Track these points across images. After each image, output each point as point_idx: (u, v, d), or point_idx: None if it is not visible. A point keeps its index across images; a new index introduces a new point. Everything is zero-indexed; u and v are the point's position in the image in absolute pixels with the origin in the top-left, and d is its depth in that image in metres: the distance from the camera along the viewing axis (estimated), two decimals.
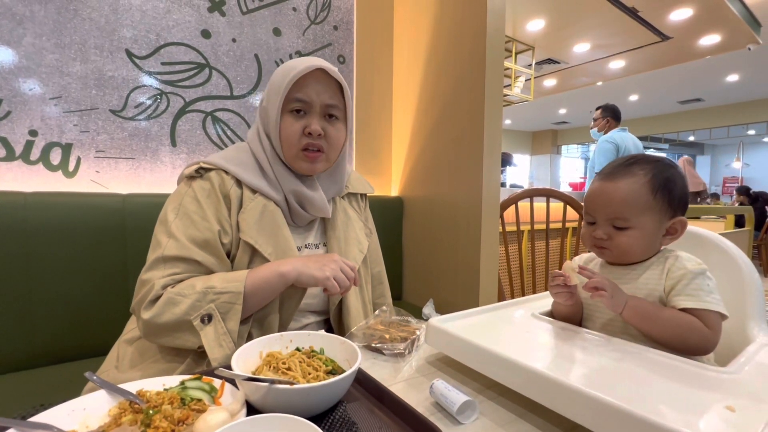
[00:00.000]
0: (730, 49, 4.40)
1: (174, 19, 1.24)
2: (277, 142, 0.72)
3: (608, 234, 0.61)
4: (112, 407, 0.41)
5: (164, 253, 0.64)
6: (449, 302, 1.43)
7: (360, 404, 0.47)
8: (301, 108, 0.71)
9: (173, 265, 0.64)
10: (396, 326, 0.70)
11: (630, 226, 0.59)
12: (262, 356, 0.51)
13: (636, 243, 0.60)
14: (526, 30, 4.14)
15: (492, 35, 1.27)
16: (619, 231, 0.60)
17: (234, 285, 0.62)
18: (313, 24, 1.51)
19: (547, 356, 0.53)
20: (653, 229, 0.59)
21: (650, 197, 0.58)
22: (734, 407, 0.37)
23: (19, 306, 0.92)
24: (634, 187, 0.59)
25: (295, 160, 0.73)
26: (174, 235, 0.65)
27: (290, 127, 0.70)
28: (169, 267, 0.64)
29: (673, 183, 0.59)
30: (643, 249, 0.61)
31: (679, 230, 0.60)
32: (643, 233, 0.59)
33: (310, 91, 0.70)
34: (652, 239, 0.60)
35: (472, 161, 1.33)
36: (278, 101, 0.70)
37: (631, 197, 0.59)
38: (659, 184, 0.59)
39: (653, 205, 0.59)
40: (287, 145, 0.72)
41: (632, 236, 0.59)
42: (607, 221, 0.61)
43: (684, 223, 0.60)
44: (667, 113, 9.42)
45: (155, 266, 0.64)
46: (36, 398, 0.79)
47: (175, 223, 0.67)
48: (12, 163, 1.04)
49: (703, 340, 0.53)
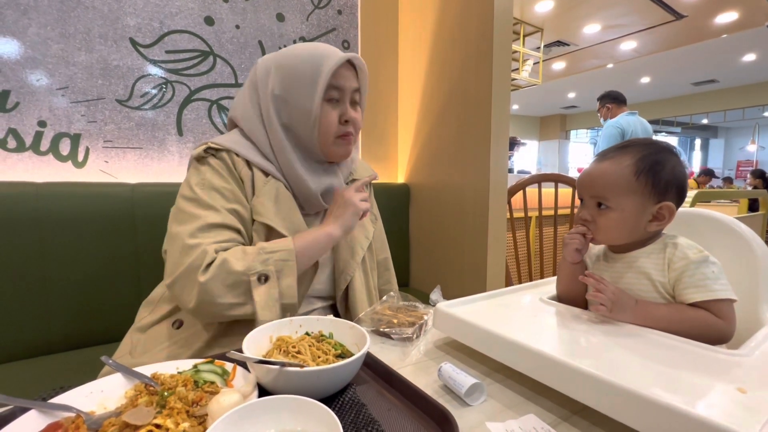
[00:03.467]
0: (747, 26, 4.25)
1: (177, 6, 1.22)
2: (311, 132, 0.71)
3: (592, 215, 0.61)
4: (129, 389, 0.42)
5: (208, 221, 0.64)
6: (456, 289, 1.43)
7: (369, 387, 0.48)
8: (338, 97, 0.72)
9: (218, 233, 0.64)
10: (404, 311, 0.71)
11: (610, 206, 0.59)
12: (272, 340, 0.51)
13: (615, 225, 0.59)
14: (535, 11, 4.03)
15: (499, 17, 1.24)
16: (602, 212, 0.60)
17: (284, 244, 0.64)
18: (317, 9, 1.48)
19: (554, 339, 0.53)
20: (634, 212, 0.58)
21: (632, 179, 0.57)
22: (745, 389, 0.37)
23: (34, 294, 0.94)
24: (616, 168, 0.58)
25: (332, 147, 0.74)
26: (212, 206, 0.66)
27: (329, 115, 0.71)
28: (214, 234, 0.64)
29: (660, 166, 0.57)
30: (624, 232, 0.60)
31: (666, 216, 0.58)
32: (623, 215, 0.58)
33: (343, 80, 0.71)
34: (633, 223, 0.58)
35: (479, 147, 1.31)
36: (316, 92, 0.69)
37: (612, 178, 0.58)
38: (645, 166, 0.57)
39: (635, 187, 0.57)
40: (326, 134, 0.72)
41: (612, 218, 0.59)
42: (592, 200, 0.61)
43: (672, 209, 0.58)
44: (680, 95, 9.18)
45: (199, 234, 0.63)
46: (55, 381, 0.82)
47: (209, 194, 0.67)
48: (23, 153, 1.06)
49: (718, 334, 0.52)
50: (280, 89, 0.71)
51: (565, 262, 0.66)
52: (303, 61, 0.70)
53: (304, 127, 0.71)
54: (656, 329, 0.52)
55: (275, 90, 0.71)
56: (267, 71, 0.73)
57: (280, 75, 0.71)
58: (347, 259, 0.79)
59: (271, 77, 0.72)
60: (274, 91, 0.71)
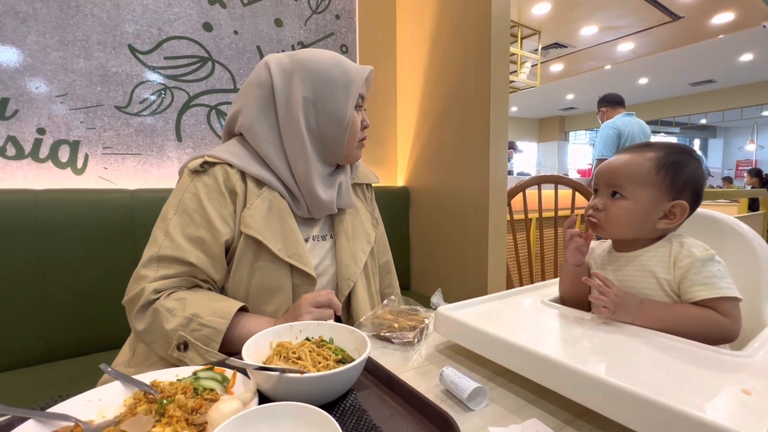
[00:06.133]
0: (744, 27, 4.27)
1: (175, 12, 1.23)
2: (342, 137, 0.73)
3: (604, 203, 0.61)
4: (127, 397, 0.42)
5: (159, 252, 0.64)
6: (457, 291, 1.42)
7: (370, 392, 0.47)
8: (361, 103, 0.77)
9: (167, 266, 0.64)
10: (405, 315, 0.70)
11: (625, 196, 0.59)
12: (272, 346, 0.51)
13: (626, 216, 0.59)
14: (532, 14, 4.05)
15: (496, 20, 1.24)
16: (615, 201, 0.60)
17: (218, 322, 0.61)
18: (315, 13, 1.49)
19: (556, 342, 0.53)
20: (648, 206, 0.58)
21: (652, 172, 0.58)
22: (750, 390, 0.36)
23: (34, 302, 0.94)
24: (639, 159, 0.60)
25: (354, 151, 0.78)
26: (170, 234, 0.65)
27: (356, 121, 0.75)
28: (162, 267, 0.64)
29: (680, 166, 0.58)
30: (633, 224, 0.59)
31: (678, 215, 0.58)
32: (636, 207, 0.58)
33: (365, 89, 0.77)
34: (645, 216, 0.59)
35: (478, 149, 1.31)
36: (350, 98, 0.72)
37: (633, 168, 0.59)
38: (666, 162, 0.58)
39: (654, 180, 0.58)
40: (353, 139, 0.76)
41: (624, 207, 0.59)
42: (607, 188, 0.62)
43: (684, 208, 0.58)
44: (678, 96, 9.20)
45: (150, 264, 0.64)
46: (54, 390, 0.82)
47: (174, 220, 0.66)
48: (22, 161, 1.06)
49: (724, 332, 0.52)
50: (309, 92, 0.71)
51: (568, 264, 0.65)
52: (333, 67, 0.71)
53: (335, 131, 0.73)
54: (661, 330, 0.52)
55: (304, 93, 0.70)
56: (287, 74, 0.71)
57: (310, 78, 0.71)
58: (349, 264, 0.78)
59: (296, 80, 0.70)
60: (303, 94, 0.70)
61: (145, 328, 0.62)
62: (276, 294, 0.70)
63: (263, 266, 0.69)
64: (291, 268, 0.70)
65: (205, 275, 0.67)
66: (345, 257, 0.78)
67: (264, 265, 0.69)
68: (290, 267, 0.70)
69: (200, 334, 0.60)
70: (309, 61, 0.71)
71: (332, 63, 0.72)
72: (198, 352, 0.60)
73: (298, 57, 0.72)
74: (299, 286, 0.71)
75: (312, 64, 0.71)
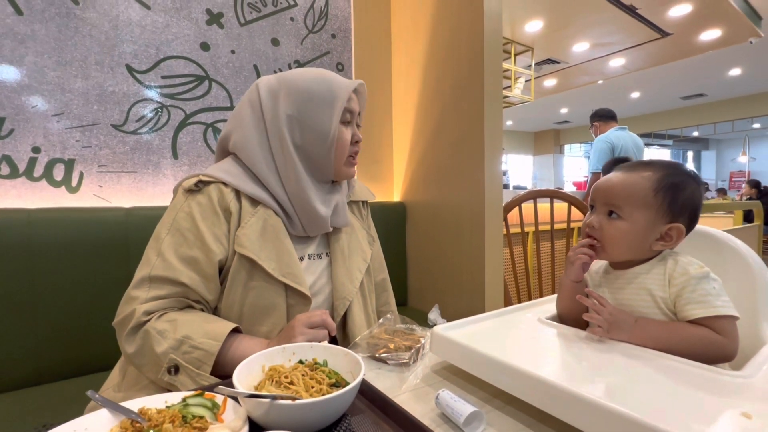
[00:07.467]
0: (731, 43, 4.38)
1: (173, 32, 1.25)
2: (327, 152, 0.72)
3: (600, 223, 0.60)
4: (114, 426, 0.41)
5: (151, 272, 0.63)
6: (455, 306, 1.41)
7: (365, 417, 0.46)
8: (350, 119, 0.75)
9: (159, 287, 0.63)
10: (400, 334, 0.69)
11: (622, 216, 0.59)
12: (264, 370, 0.50)
13: (621, 237, 0.58)
14: (525, 31, 4.14)
15: (489, 37, 1.27)
16: (611, 221, 0.60)
17: (210, 344, 0.60)
18: (311, 33, 1.52)
19: (555, 363, 0.52)
20: (644, 228, 0.58)
21: (650, 194, 0.58)
22: (751, 414, 0.36)
23: (24, 322, 0.92)
24: (638, 180, 0.59)
25: (344, 167, 0.76)
26: (163, 254, 0.64)
27: (344, 136, 0.74)
28: (154, 288, 0.63)
29: (679, 189, 0.58)
30: (629, 246, 0.59)
31: (674, 238, 0.58)
32: (632, 228, 0.58)
33: (353, 103, 0.75)
34: (641, 238, 0.58)
35: (473, 164, 1.32)
36: (334, 113, 0.71)
37: (632, 188, 0.59)
38: (665, 185, 0.58)
39: (651, 202, 0.57)
40: (341, 155, 0.74)
41: (621, 228, 0.58)
42: (604, 206, 0.61)
43: (681, 231, 0.57)
44: (670, 109, 9.36)
45: (141, 285, 0.63)
46: (41, 415, 0.79)
47: (167, 240, 0.66)
48: (16, 180, 1.05)
49: (721, 351, 0.51)
50: (293, 110, 0.72)
51: (566, 280, 0.65)
52: (317, 83, 0.72)
53: (320, 147, 0.72)
54: (657, 348, 0.51)
55: (288, 110, 0.72)
56: (273, 93, 0.73)
57: (293, 96, 0.72)
58: (345, 283, 0.77)
59: (281, 98, 0.72)
60: (287, 112, 0.72)
61: (135, 350, 0.61)
62: (270, 314, 0.69)
63: (257, 286, 0.68)
64: (285, 288, 0.69)
65: (198, 296, 0.66)
66: (341, 276, 0.77)
67: (258, 284, 0.68)
68: (285, 286, 0.69)
69: (191, 357, 0.59)
70: (294, 79, 0.73)
71: (317, 80, 0.72)
72: (189, 376, 0.59)
73: (285, 76, 0.74)
74: (294, 305, 0.70)
75: (296, 82, 0.72)
